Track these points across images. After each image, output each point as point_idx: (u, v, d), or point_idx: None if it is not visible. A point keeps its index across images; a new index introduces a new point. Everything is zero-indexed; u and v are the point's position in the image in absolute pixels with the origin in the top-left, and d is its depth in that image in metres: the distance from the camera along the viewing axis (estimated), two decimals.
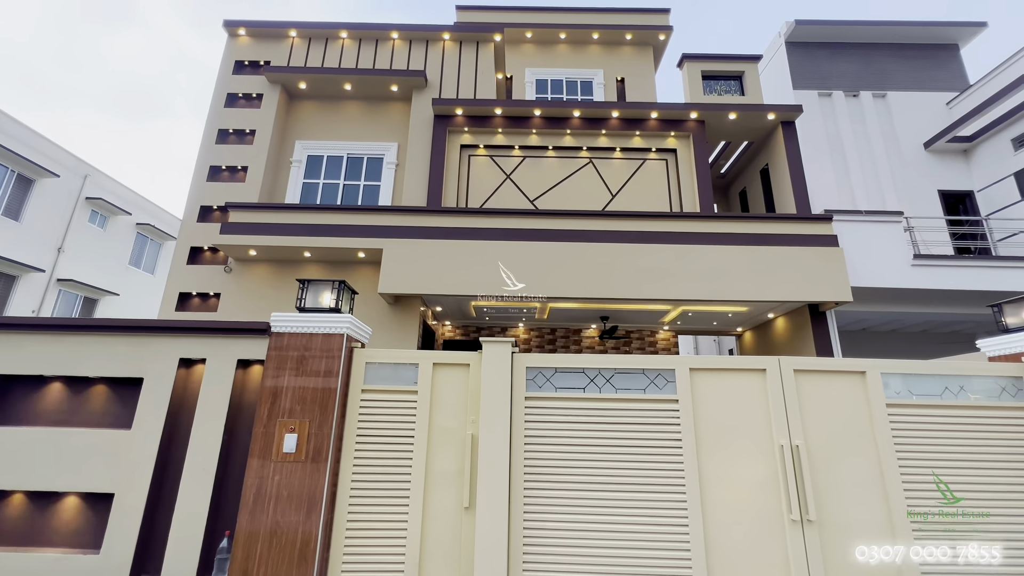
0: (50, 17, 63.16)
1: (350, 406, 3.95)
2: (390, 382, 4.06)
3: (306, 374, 3.85)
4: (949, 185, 11.19)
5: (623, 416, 3.90)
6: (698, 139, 8.70)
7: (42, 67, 62.59)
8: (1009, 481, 3.64)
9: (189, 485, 3.65)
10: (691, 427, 3.82)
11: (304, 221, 7.59)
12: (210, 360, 3.94)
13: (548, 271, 7.24)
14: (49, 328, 4.00)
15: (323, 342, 3.94)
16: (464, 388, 4.04)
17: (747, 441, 3.81)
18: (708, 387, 3.94)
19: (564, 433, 3.88)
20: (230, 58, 9.32)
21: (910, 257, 7.74)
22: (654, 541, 3.60)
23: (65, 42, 64.52)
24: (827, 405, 3.88)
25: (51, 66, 63.31)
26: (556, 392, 3.99)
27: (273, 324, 3.96)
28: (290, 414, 3.75)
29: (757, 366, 3.96)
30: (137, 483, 3.62)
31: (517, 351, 4.10)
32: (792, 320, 8.28)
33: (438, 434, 3.93)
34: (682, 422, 3.84)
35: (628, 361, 4.03)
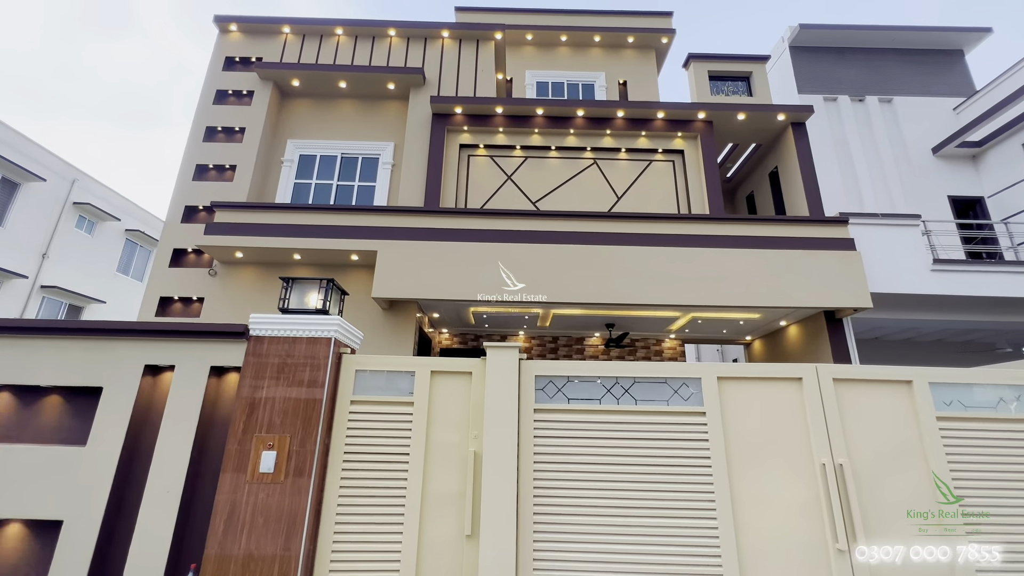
0: (50, 28, 63.06)
1: (337, 419, 3.51)
2: (383, 392, 3.62)
3: (288, 383, 3.42)
4: (958, 190, 10.95)
5: (644, 430, 3.48)
6: (706, 140, 8.39)
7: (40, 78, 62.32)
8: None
9: (150, 510, 3.18)
10: (721, 443, 3.40)
11: (294, 221, 7.18)
12: (179, 367, 3.49)
13: (551, 275, 6.85)
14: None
15: (308, 347, 3.51)
16: (466, 399, 3.61)
17: (784, 459, 3.40)
18: (738, 398, 3.54)
19: (578, 450, 3.45)
20: (220, 54, 8.98)
21: (929, 262, 7.42)
22: (682, 572, 3.16)
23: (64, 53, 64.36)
24: (871, 418, 3.48)
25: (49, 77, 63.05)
26: (569, 404, 3.56)
27: (252, 327, 3.53)
28: (269, 428, 3.31)
29: (792, 374, 3.56)
30: (90, 508, 3.15)
31: (525, 358, 3.68)
32: (806, 328, 7.91)
33: (436, 451, 3.49)
34: (710, 437, 3.43)
35: (649, 369, 3.62)
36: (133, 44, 70.56)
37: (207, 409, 3.49)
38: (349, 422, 3.52)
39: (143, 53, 71.86)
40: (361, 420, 3.53)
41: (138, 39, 71.25)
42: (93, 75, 67.24)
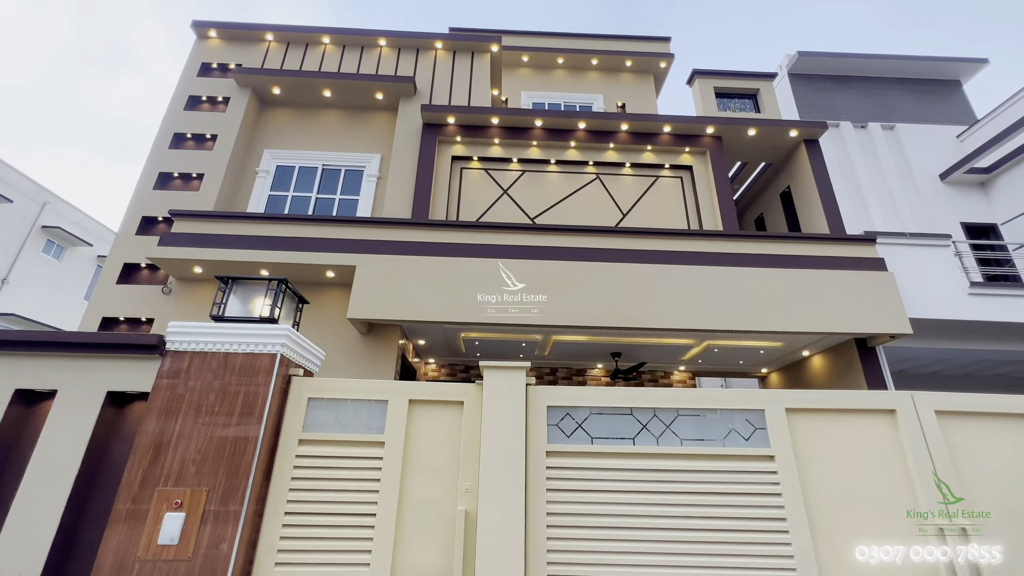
0: (50, 64, 63.45)
1: (279, 466, 2.58)
2: (344, 428, 2.71)
3: (212, 415, 2.50)
4: (970, 217, 10.53)
5: (694, 480, 2.60)
6: (716, 155, 7.86)
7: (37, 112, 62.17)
8: None
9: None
10: (797, 495, 2.53)
11: (263, 233, 6.35)
12: (63, 393, 2.56)
13: (553, 295, 6.04)
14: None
15: (244, 367, 2.62)
16: (454, 438, 2.72)
17: (881, 516, 2.52)
18: (815, 436, 2.69)
19: (607, 508, 2.55)
20: (196, 60, 8.37)
21: (965, 285, 6.77)
22: None
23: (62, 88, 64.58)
24: (989, 463, 2.65)
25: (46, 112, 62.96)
26: (592, 444, 2.68)
27: (171, 338, 2.64)
28: (179, 479, 2.37)
29: (882, 405, 2.73)
30: None
31: (533, 383, 2.82)
32: (832, 358, 7.13)
33: (414, 511, 2.56)
34: (784, 489, 2.55)
35: (696, 398, 2.77)
36: (132, 81, 71.20)
37: (95, 453, 2.54)
38: (296, 469, 2.58)
39: (142, 90, 72.45)
40: (312, 467, 2.60)
41: (136, 77, 71.98)
42: (91, 110, 67.35)
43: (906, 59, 11.86)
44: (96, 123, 67.52)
